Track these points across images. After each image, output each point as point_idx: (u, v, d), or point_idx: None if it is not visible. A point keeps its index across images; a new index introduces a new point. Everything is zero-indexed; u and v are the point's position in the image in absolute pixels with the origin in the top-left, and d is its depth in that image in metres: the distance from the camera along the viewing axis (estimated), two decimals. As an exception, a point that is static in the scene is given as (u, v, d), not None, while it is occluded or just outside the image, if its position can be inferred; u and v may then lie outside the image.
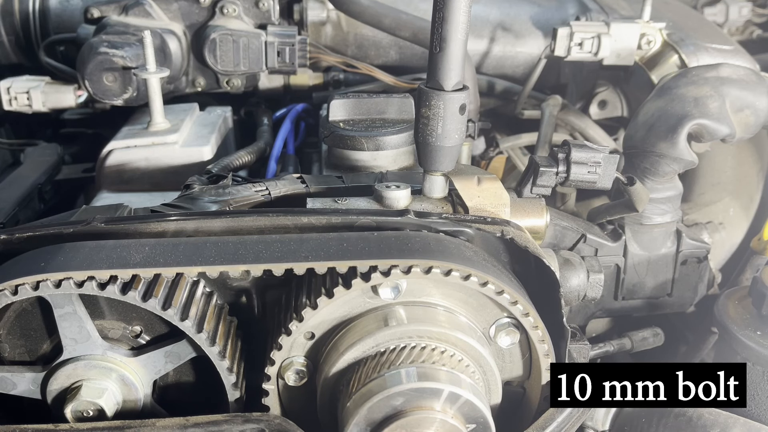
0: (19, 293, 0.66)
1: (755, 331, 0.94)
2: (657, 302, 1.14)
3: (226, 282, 0.76)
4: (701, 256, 1.12)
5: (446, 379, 0.66)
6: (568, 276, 0.93)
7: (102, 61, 1.17)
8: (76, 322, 0.69)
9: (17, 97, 1.31)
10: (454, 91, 0.79)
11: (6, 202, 1.14)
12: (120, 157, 1.13)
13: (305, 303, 0.70)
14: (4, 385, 0.72)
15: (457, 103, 0.79)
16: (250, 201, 0.88)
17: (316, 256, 0.69)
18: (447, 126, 0.80)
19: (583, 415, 0.74)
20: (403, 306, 0.72)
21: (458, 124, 0.80)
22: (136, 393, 0.72)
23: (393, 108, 1.09)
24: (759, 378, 0.93)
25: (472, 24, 1.50)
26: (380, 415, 0.66)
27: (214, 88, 1.37)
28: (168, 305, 0.67)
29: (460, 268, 0.68)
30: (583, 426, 0.87)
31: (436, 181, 0.85)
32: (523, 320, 0.72)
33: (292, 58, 1.32)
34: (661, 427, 0.84)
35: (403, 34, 1.33)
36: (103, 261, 0.67)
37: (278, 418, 0.70)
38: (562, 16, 1.50)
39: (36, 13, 1.45)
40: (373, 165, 1.03)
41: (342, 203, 0.84)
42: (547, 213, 0.89)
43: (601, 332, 1.27)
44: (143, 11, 1.28)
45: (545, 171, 0.88)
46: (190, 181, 0.96)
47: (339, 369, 0.70)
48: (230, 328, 0.75)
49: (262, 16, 1.33)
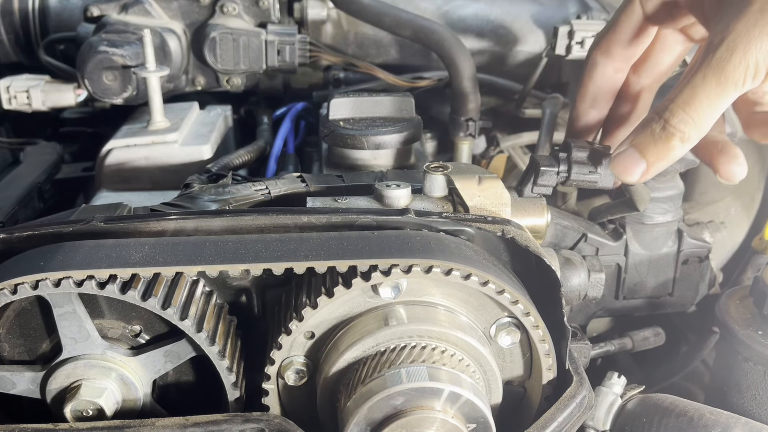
0: (18, 292, 0.65)
1: (756, 331, 0.94)
2: (658, 302, 1.14)
3: (226, 281, 0.76)
4: (702, 255, 1.12)
5: (447, 379, 0.66)
6: (569, 275, 0.92)
7: (102, 60, 1.17)
8: (76, 321, 0.69)
9: (17, 95, 1.30)
10: None
11: (5, 201, 1.14)
12: (119, 156, 1.13)
13: (305, 302, 0.70)
14: (4, 384, 0.72)
15: None
16: (249, 200, 0.88)
17: (316, 255, 0.68)
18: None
19: (584, 414, 0.74)
20: (403, 305, 0.72)
21: None
22: (136, 392, 0.72)
23: (394, 107, 1.09)
24: (760, 378, 0.93)
25: (473, 23, 1.50)
26: (380, 415, 0.66)
27: (213, 87, 1.37)
28: (168, 304, 0.67)
29: (460, 268, 0.68)
30: (584, 426, 0.87)
31: (436, 180, 0.85)
32: (523, 320, 0.72)
33: (292, 57, 1.32)
34: (662, 426, 0.84)
35: (404, 33, 1.33)
36: (102, 260, 0.67)
37: (278, 418, 0.70)
38: (563, 15, 1.49)
39: (35, 11, 1.45)
40: (374, 164, 1.03)
41: (342, 202, 0.84)
42: (548, 212, 0.89)
43: (602, 332, 1.27)
44: (143, 10, 1.28)
45: (546, 170, 0.88)
46: (190, 180, 0.96)
47: (339, 368, 0.70)
48: (230, 328, 0.74)
49: (262, 14, 1.33)
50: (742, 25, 0.70)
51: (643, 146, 0.78)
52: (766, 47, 0.69)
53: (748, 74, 0.71)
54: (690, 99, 0.74)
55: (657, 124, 0.77)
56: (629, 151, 0.79)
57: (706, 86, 0.72)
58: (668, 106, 0.76)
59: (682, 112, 0.74)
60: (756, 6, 0.69)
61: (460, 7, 1.51)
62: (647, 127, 0.78)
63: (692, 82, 0.73)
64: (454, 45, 1.29)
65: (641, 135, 0.78)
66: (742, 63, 0.70)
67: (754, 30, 0.69)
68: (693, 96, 0.74)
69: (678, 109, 0.75)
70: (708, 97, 0.73)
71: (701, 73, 0.73)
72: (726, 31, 0.71)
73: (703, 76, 0.72)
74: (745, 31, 0.69)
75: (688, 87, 0.74)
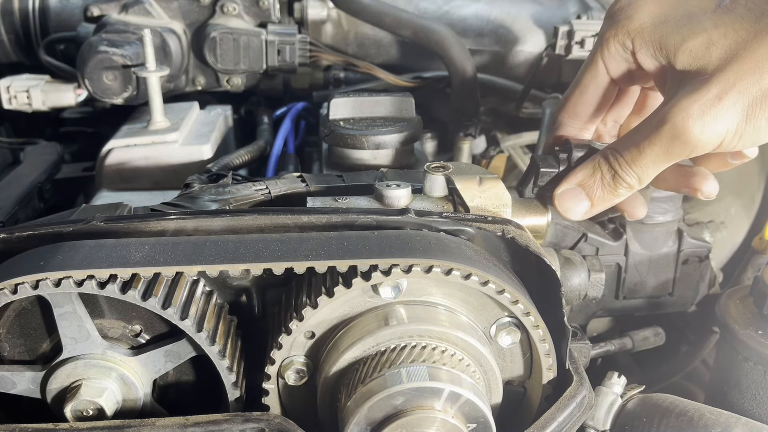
0: (18, 292, 0.65)
1: (757, 331, 0.94)
2: (658, 301, 1.14)
3: (226, 281, 0.76)
4: (702, 255, 1.12)
5: (447, 379, 0.66)
6: (569, 275, 0.92)
7: (102, 60, 1.17)
8: (76, 321, 0.69)
9: (17, 95, 1.31)
10: None
11: (6, 201, 1.13)
12: (120, 155, 1.13)
13: (305, 302, 0.70)
14: (4, 384, 0.72)
15: None
16: (250, 200, 0.88)
17: (317, 255, 0.68)
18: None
19: (584, 414, 0.74)
20: (403, 305, 0.72)
21: None
22: (136, 392, 0.72)
23: (394, 107, 1.09)
24: (760, 378, 0.93)
25: (473, 23, 1.50)
26: (381, 415, 0.66)
27: (214, 87, 1.37)
28: (168, 304, 0.67)
29: (460, 267, 0.68)
30: (584, 425, 0.87)
31: (436, 180, 0.85)
32: (524, 319, 0.72)
33: (292, 57, 1.32)
34: (662, 426, 0.84)
35: (404, 33, 1.33)
36: (102, 260, 0.67)
37: (278, 418, 0.70)
38: (563, 15, 1.50)
39: (36, 11, 1.45)
40: (374, 164, 1.03)
41: (342, 202, 0.84)
42: (548, 212, 0.89)
43: (602, 331, 1.27)
44: (143, 10, 1.28)
45: (546, 171, 0.88)
46: (190, 179, 0.96)
47: (339, 368, 0.70)
48: (230, 327, 0.74)
49: (263, 14, 1.33)
50: (696, 107, 0.72)
51: (590, 189, 0.83)
52: (716, 130, 0.72)
53: (695, 150, 0.74)
54: (638, 159, 0.78)
55: (607, 170, 0.81)
56: (576, 191, 0.84)
57: (653, 153, 0.76)
58: (617, 157, 0.80)
59: (628, 167, 0.79)
60: (713, 92, 0.72)
61: (460, 7, 1.52)
62: (596, 170, 0.82)
63: (641, 145, 0.77)
64: (454, 45, 1.29)
65: (589, 178, 0.83)
66: (690, 142, 0.73)
67: (707, 115, 0.72)
68: (641, 157, 0.78)
69: (624, 163, 0.79)
70: (654, 161, 0.77)
71: (649, 140, 0.76)
72: (681, 109, 0.73)
73: (650, 143, 0.76)
74: (698, 114, 0.72)
75: (636, 148, 0.78)
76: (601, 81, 0.87)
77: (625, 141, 0.80)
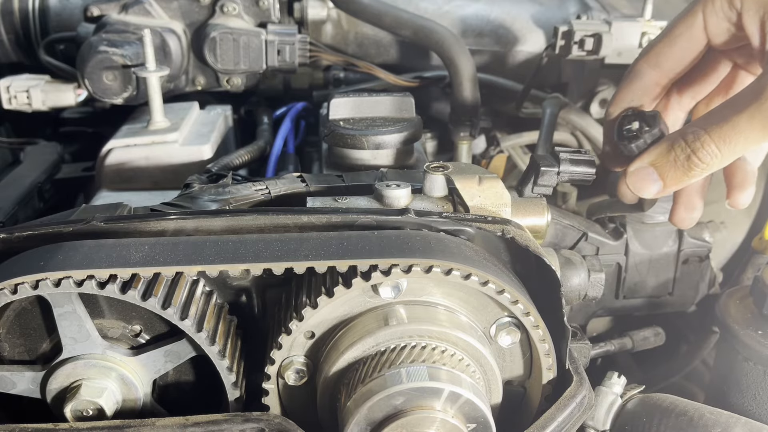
0: (18, 292, 0.65)
1: (756, 331, 0.94)
2: (658, 301, 1.14)
3: (226, 281, 0.76)
4: (703, 255, 1.12)
5: (447, 379, 0.66)
6: (569, 275, 0.92)
7: (102, 60, 1.17)
8: (76, 321, 0.69)
9: (17, 95, 1.31)
10: None
11: (5, 201, 1.14)
12: (120, 155, 1.13)
13: (305, 302, 0.70)
14: (4, 384, 0.72)
15: None
16: (250, 200, 0.88)
17: (317, 255, 0.68)
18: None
19: (584, 414, 0.74)
20: (403, 305, 0.72)
21: None
22: (136, 392, 0.72)
23: (394, 107, 1.09)
24: (760, 377, 0.93)
25: (473, 23, 1.50)
26: (381, 415, 0.66)
27: (214, 87, 1.37)
28: (168, 304, 0.67)
29: (460, 267, 0.68)
30: (584, 425, 0.87)
31: (436, 179, 0.85)
32: (523, 319, 0.72)
33: (292, 57, 1.32)
34: (662, 426, 0.84)
35: (404, 33, 1.33)
36: (102, 260, 0.67)
37: (278, 418, 0.70)
38: (563, 15, 1.50)
39: (36, 11, 1.45)
40: (374, 164, 1.03)
41: (342, 202, 0.84)
42: (548, 212, 0.89)
43: (602, 331, 1.27)
44: (143, 10, 1.28)
45: (546, 170, 0.88)
46: (190, 179, 0.96)
47: (339, 368, 0.70)
48: (230, 327, 0.74)
49: (263, 14, 1.33)
50: None
51: (663, 169, 0.77)
52: None
53: None
54: (728, 136, 0.70)
55: (681, 151, 0.75)
56: (648, 171, 0.78)
57: (750, 128, 0.69)
58: (700, 135, 0.72)
59: (714, 146, 0.71)
60: None
61: (460, 7, 1.52)
62: (670, 150, 0.76)
63: (735, 119, 0.69)
64: (454, 45, 1.29)
65: (663, 157, 0.77)
66: None
67: None
68: (732, 134, 0.70)
69: (711, 142, 0.72)
70: (747, 139, 0.70)
71: (748, 113, 0.69)
72: None
73: (749, 116, 0.69)
74: None
75: (728, 124, 0.70)
76: (694, 35, 0.80)
77: (711, 117, 0.73)
